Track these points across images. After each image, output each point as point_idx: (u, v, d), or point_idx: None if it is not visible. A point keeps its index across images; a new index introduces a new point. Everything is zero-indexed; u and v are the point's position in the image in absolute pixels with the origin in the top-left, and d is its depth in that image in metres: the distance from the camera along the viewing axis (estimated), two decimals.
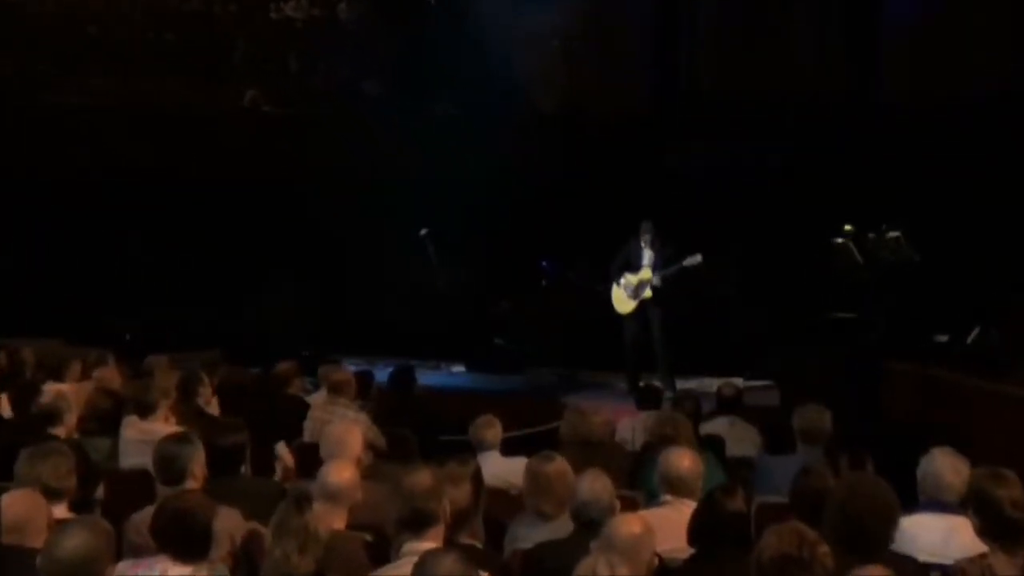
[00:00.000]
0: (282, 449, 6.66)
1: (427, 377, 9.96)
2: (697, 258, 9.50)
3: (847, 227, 9.45)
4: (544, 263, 11.69)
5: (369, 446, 5.44)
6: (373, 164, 12.03)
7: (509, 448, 5.82)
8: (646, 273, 9.71)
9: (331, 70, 12.81)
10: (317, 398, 7.27)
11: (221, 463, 4.69)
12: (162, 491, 4.43)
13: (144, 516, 4.08)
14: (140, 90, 12.39)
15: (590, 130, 12.02)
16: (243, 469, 4.92)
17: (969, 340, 8.43)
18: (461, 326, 11.40)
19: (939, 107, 10.72)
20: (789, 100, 11.40)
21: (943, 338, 8.78)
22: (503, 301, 11.75)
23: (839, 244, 9.53)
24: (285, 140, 12.32)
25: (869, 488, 3.69)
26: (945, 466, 4.22)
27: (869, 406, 8.18)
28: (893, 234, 9.21)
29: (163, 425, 5.83)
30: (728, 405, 7.07)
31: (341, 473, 4.37)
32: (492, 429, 5.68)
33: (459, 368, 11.39)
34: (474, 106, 12.09)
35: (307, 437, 6.58)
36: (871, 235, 9.35)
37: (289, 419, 6.88)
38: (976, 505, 3.74)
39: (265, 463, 6.70)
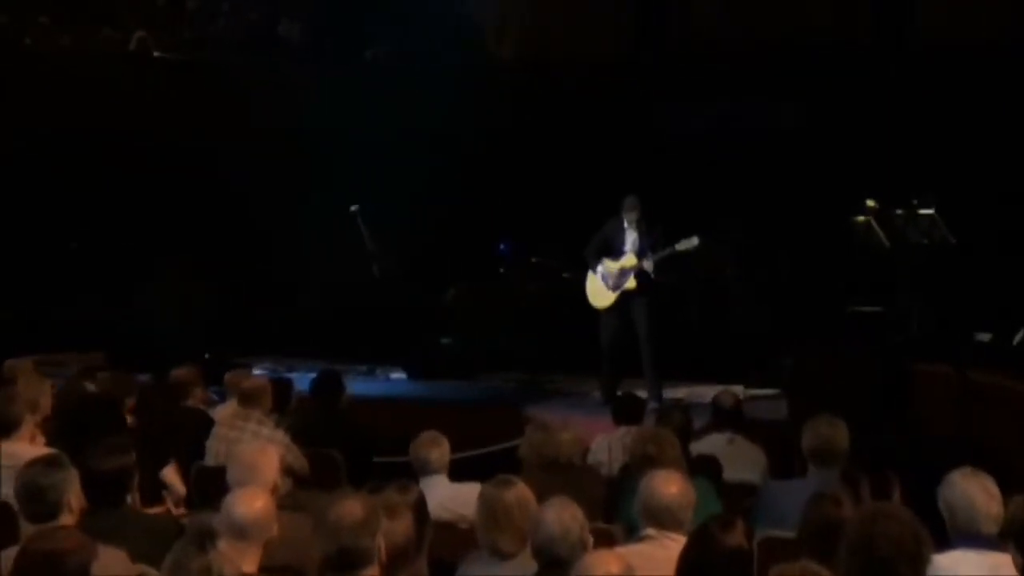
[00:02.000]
0: (170, 475, 6.63)
1: (359, 385, 9.95)
2: (693, 241, 9.55)
3: (870, 203, 9.54)
4: (502, 245, 11.70)
5: (287, 470, 5.41)
6: (291, 124, 12.00)
7: (459, 471, 5.82)
8: (630, 259, 9.75)
9: (238, 9, 12.72)
10: (223, 411, 7.25)
11: (102, 493, 4.67)
12: (27, 528, 4.39)
13: (4, 561, 4.04)
14: None
15: (559, 83, 12.03)
16: (129, 500, 4.90)
17: (1016, 340, 8.54)
18: (400, 322, 11.41)
19: (985, 53, 10.77)
20: (803, 47, 11.48)
21: (985, 337, 8.89)
22: (451, 291, 11.76)
23: (861, 223, 9.61)
24: (181, 93, 12.24)
25: (895, 520, 3.70)
26: (976, 491, 4.25)
27: (896, 418, 8.27)
28: (926, 212, 9.31)
29: (28, 446, 5.77)
30: (726, 419, 7.11)
31: (252, 503, 4.35)
32: (438, 448, 5.68)
33: (398, 374, 11.39)
34: (415, 53, 12.06)
35: (210, 460, 6.56)
36: (899, 212, 9.45)
37: (188, 437, 6.86)
38: (1020, 539, 3.78)
39: (157, 492, 6.68)
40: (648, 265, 9.58)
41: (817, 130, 11.28)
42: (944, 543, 4.19)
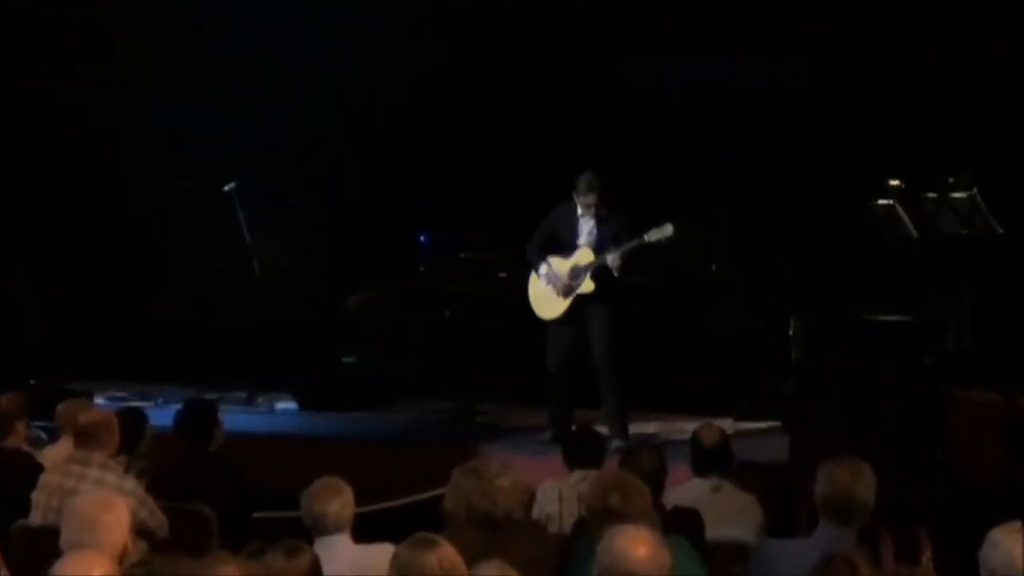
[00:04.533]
0: None
1: (235, 418, 9.80)
2: (666, 230, 9.55)
3: (894, 182, 9.60)
4: (422, 237, 11.67)
5: (140, 529, 5.36)
6: (146, 78, 11.98)
7: (366, 529, 5.80)
8: (584, 255, 9.74)
9: None
10: (54, 453, 7.19)
11: None
12: None
13: None
14: None
15: (497, 27, 12.04)
16: None
17: None
18: (289, 337, 11.39)
19: None
20: None
21: None
22: (355, 297, 11.73)
23: (882, 209, 9.67)
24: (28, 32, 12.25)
25: None
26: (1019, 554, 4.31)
27: (927, 459, 8.33)
28: (963, 194, 9.38)
29: None
30: (710, 460, 7.12)
31: (92, 572, 4.31)
32: (338, 500, 5.65)
33: (286, 404, 11.37)
34: None
35: (36, 517, 6.48)
36: (930, 195, 9.52)
37: (7, 487, 6.77)
38: None
39: None
40: (609, 261, 9.58)
41: (827, 90, 11.35)
42: None
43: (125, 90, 12.11)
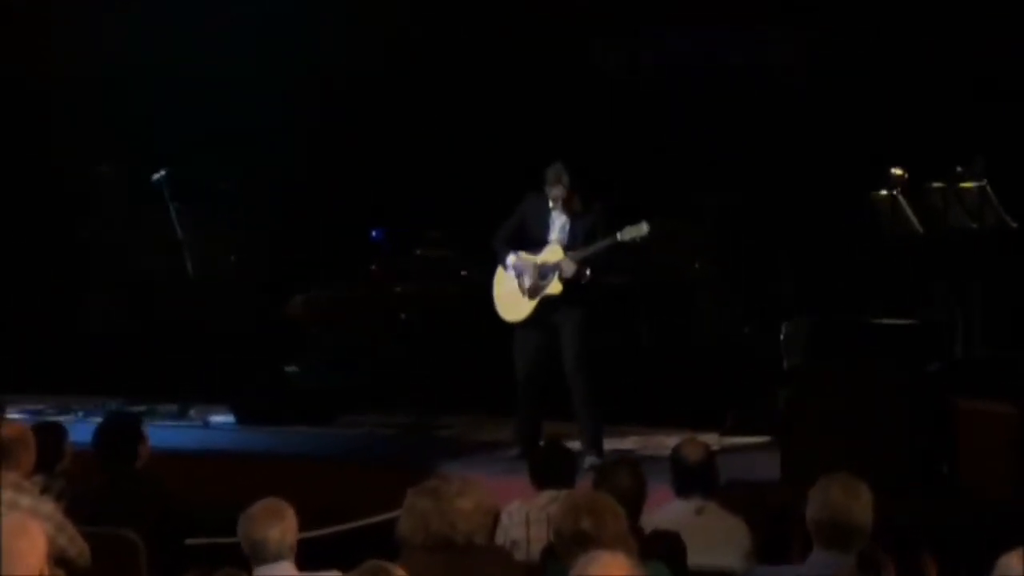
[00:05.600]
0: None
1: (165, 433, 9.86)
2: (641, 229, 9.55)
3: (896, 171, 9.64)
4: (375, 232, 11.66)
5: (58, 557, 5.33)
6: (75, 54, 12.00)
7: (311, 557, 5.80)
8: (554, 251, 9.74)
9: None
10: None
11: None
12: None
13: None
14: None
15: (458, 7, 12.06)
16: None
17: None
18: (226, 343, 11.38)
19: None
20: None
21: None
22: (300, 298, 11.71)
23: (883, 200, 9.71)
24: None
25: None
26: None
27: (934, 477, 8.37)
28: (973, 184, 9.42)
29: None
30: (693, 479, 7.13)
31: None
32: (280, 524, 5.63)
33: (222, 417, 11.34)
34: None
35: None
36: (937, 186, 9.56)
37: None
38: None
39: None
40: (564, 269, 9.58)
41: (822, 70, 11.39)
42: None
43: (58, 68, 12.06)
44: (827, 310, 10.42)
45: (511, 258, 9.80)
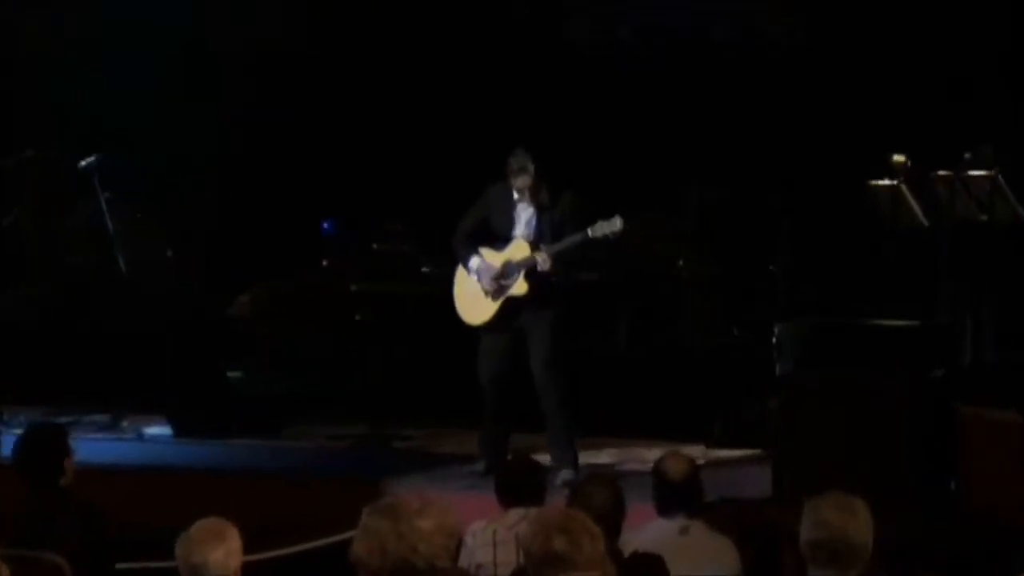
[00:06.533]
0: None
1: (94, 446, 9.81)
2: (614, 224, 9.55)
3: (898, 159, 9.65)
4: (326, 224, 11.65)
5: None
6: None
7: None
8: (520, 248, 9.74)
9: None
10: None
11: None
12: None
13: None
14: None
15: None
16: None
17: None
18: (162, 347, 11.32)
19: None
20: None
21: None
22: (245, 297, 11.72)
23: (884, 190, 9.72)
24: None
25: None
26: None
27: (938, 492, 8.39)
28: (982, 172, 9.44)
29: None
30: (676, 496, 7.13)
31: None
32: (222, 547, 5.62)
33: (157, 429, 11.26)
34: None
35: None
36: (942, 174, 9.57)
37: None
38: None
39: None
40: (539, 262, 9.56)
41: (815, 42, 11.45)
42: None
43: None
44: (823, 311, 10.46)
45: (474, 260, 9.76)
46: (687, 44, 11.60)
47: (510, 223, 9.74)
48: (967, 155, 9.55)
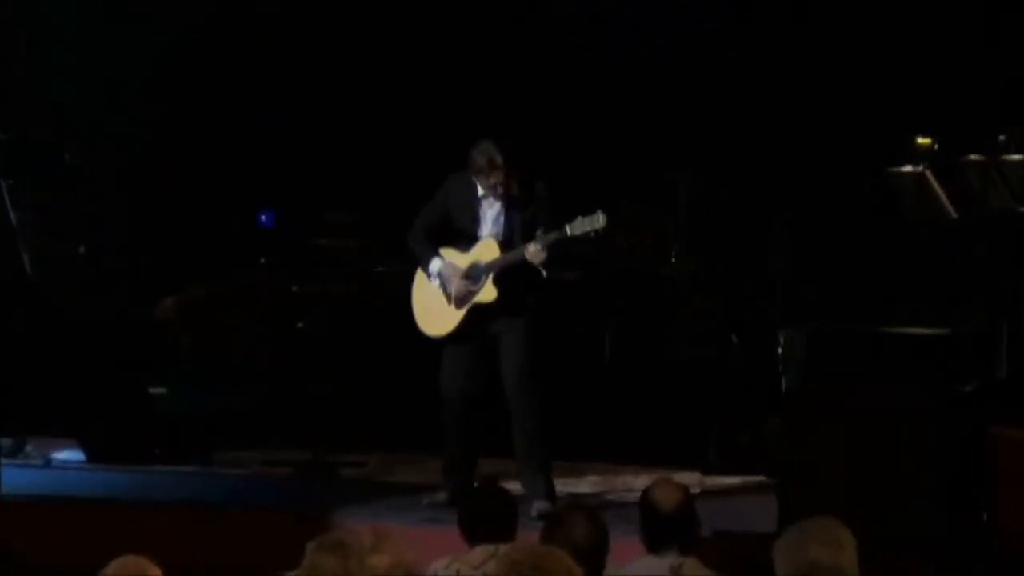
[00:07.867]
0: None
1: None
2: (596, 220, 9.56)
3: (922, 140, 9.67)
4: (264, 216, 11.66)
5: None
6: None
7: None
8: (488, 248, 9.75)
9: None
10: None
11: None
12: None
13: None
14: None
15: None
16: None
17: None
18: (74, 360, 11.29)
19: None
20: None
21: None
22: (170, 300, 11.73)
23: (908, 178, 9.75)
24: None
25: None
26: None
27: (967, 521, 8.39)
28: (1017, 157, 9.47)
29: None
30: (668, 529, 7.14)
31: None
32: None
33: (68, 454, 11.30)
34: None
35: None
36: (972, 158, 9.59)
37: None
38: None
39: None
40: (529, 253, 9.58)
41: (828, 10, 11.45)
42: None
43: None
44: (835, 316, 10.47)
45: (435, 263, 9.75)
46: (678, 10, 11.62)
47: (474, 220, 9.74)
48: (1002, 137, 9.56)
